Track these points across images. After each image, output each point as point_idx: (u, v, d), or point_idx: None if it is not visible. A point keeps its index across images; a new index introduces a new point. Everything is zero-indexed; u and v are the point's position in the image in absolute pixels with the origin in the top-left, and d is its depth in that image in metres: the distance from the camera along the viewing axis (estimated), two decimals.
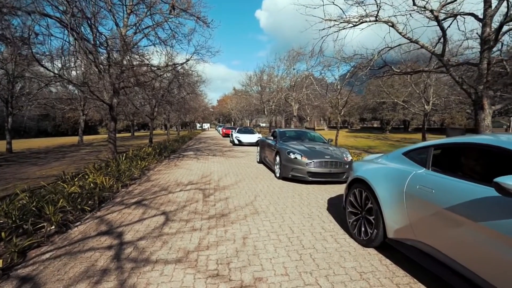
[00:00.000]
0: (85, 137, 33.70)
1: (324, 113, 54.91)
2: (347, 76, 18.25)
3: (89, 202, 5.09)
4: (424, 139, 24.26)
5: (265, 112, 34.38)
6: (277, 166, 7.25)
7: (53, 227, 3.89)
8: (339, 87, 18.16)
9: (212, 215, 4.29)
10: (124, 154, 9.91)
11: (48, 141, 30.88)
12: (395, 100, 27.96)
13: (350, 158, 6.76)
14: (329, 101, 21.88)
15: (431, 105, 24.27)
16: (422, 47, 8.92)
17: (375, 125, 68.41)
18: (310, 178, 6.33)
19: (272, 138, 8.76)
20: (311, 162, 6.31)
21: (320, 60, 18.46)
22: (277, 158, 7.27)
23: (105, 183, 6.07)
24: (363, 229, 3.12)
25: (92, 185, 6.08)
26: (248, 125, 60.74)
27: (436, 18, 7.66)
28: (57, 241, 3.53)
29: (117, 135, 47.14)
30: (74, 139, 29.08)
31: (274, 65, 32.51)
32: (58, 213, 4.19)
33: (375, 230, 2.87)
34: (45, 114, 39.75)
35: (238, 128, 22.50)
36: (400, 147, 20.51)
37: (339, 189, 6.12)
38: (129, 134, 44.57)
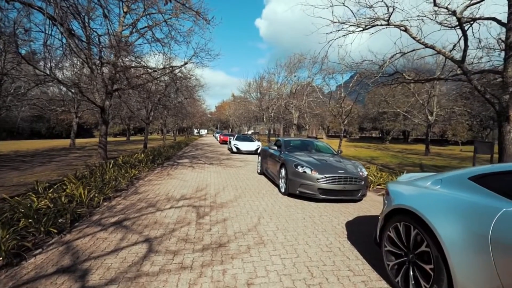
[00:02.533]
0: (79, 140, 32.72)
1: (323, 121, 54.46)
2: (351, 84, 17.65)
3: (60, 220, 4.23)
4: (427, 150, 23.61)
5: (264, 119, 33.66)
6: (282, 180, 6.42)
7: (0, 258, 3.03)
8: (342, 94, 17.53)
9: (207, 245, 3.44)
10: (112, 161, 9.04)
11: (39, 143, 29.83)
12: (398, 110, 27.45)
13: (365, 173, 5.96)
14: (331, 109, 21.23)
15: (435, 116, 23.73)
16: (439, 52, 8.27)
17: (373, 135, 68.02)
18: (321, 196, 5.50)
19: (275, 147, 7.93)
20: (322, 177, 5.49)
21: (323, 67, 17.85)
22: (282, 171, 6.44)
23: (83, 196, 5.20)
24: (412, 279, 2.29)
25: (69, 198, 5.25)
26: (246, 132, 60.00)
27: (459, 21, 7.01)
28: (2, 279, 2.67)
29: (112, 139, 46.01)
30: (66, 142, 28.09)
31: (275, 72, 31.90)
32: (16, 237, 3.34)
33: (435, 285, 2.05)
34: (39, 116, 38.72)
35: (236, 136, 21.66)
36: (403, 157, 19.46)
37: (354, 210, 5.30)
38: (125, 139, 43.55)
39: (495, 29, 14.34)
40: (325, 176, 5.50)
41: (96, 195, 5.67)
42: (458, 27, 7.83)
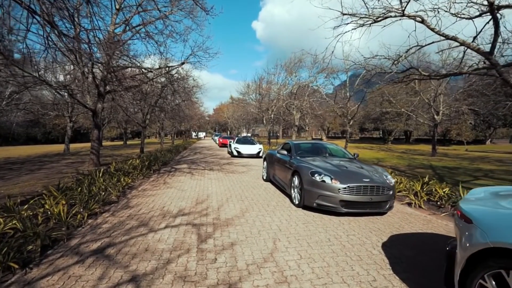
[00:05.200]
0: (74, 145, 31.83)
1: (323, 122, 53.76)
2: (356, 83, 16.90)
3: (29, 248, 3.40)
4: (434, 151, 22.85)
5: (264, 121, 32.85)
6: (295, 190, 5.59)
7: None
8: (348, 94, 16.78)
9: (213, 286, 2.60)
10: (102, 169, 8.18)
11: (34, 149, 28.92)
12: (402, 110, 26.69)
13: (393, 181, 5.14)
14: (334, 110, 20.45)
15: (441, 115, 22.97)
16: (462, 44, 7.47)
17: (374, 136, 67.34)
18: (344, 210, 4.68)
19: (284, 152, 7.08)
20: (345, 188, 4.67)
21: (328, 65, 17.08)
22: (295, 179, 5.61)
23: (62, 214, 4.37)
24: None
25: (46, 215, 4.44)
26: (245, 134, 59.16)
27: (491, 6, 6.23)
28: None
29: (109, 143, 45.17)
30: (61, 147, 27.17)
31: (275, 72, 31.05)
32: None
33: None
34: (34, 121, 37.82)
35: (237, 138, 20.79)
36: (409, 158, 18.59)
37: (384, 226, 4.48)
38: (122, 143, 42.64)
39: (510, 23, 13.70)
40: (348, 186, 4.68)
41: (81, 210, 4.87)
42: (477, 18, 7.10)
